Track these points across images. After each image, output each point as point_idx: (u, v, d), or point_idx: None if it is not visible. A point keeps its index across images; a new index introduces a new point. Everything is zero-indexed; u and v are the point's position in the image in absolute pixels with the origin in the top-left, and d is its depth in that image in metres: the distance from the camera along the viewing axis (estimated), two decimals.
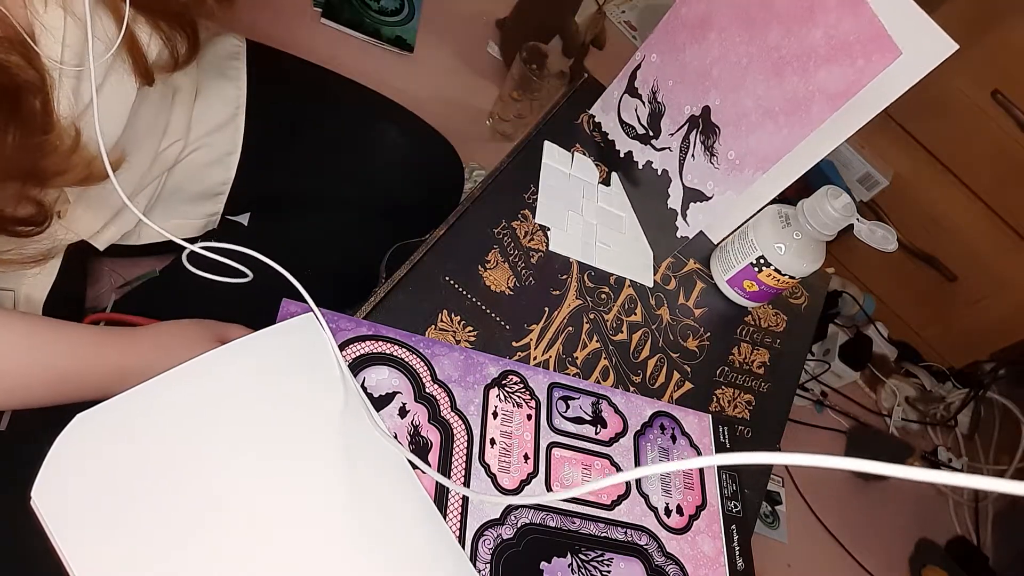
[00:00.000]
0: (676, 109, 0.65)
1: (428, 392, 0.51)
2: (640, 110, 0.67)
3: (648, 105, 0.66)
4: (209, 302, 0.58)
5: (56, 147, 0.46)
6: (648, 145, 0.68)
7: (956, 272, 1.42)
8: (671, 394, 0.63)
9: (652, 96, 0.66)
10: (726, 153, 0.61)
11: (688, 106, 0.63)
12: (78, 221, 0.58)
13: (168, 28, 0.50)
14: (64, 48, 0.44)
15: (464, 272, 0.59)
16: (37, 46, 0.43)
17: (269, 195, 0.75)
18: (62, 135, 0.46)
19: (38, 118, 0.44)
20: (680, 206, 0.67)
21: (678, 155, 0.65)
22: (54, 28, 0.43)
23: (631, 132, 0.69)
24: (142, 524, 0.38)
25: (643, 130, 0.67)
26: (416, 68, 1.28)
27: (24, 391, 0.45)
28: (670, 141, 0.65)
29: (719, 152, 0.61)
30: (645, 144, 0.68)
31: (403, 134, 0.76)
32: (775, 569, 1.19)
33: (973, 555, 1.37)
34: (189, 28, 0.53)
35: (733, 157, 0.61)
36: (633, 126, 0.68)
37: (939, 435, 1.54)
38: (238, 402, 0.44)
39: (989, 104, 1.24)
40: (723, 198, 0.63)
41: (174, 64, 0.53)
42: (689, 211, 0.66)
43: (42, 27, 0.43)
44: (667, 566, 0.52)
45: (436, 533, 0.45)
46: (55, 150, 0.46)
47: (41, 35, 0.43)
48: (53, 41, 0.43)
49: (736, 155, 0.60)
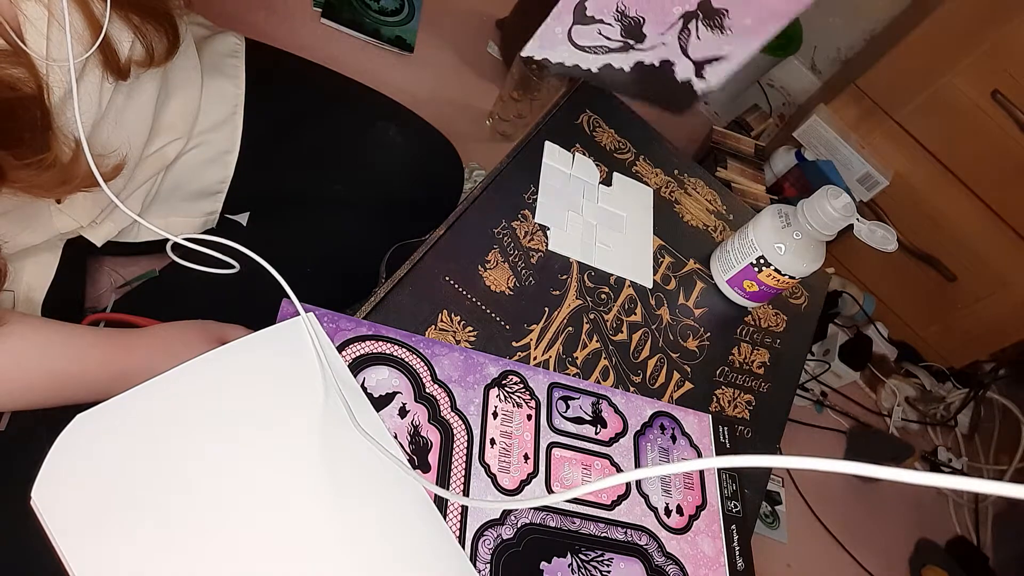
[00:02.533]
0: (661, 12, 0.61)
1: (428, 392, 0.51)
2: (607, 30, 0.64)
3: (618, 23, 0.64)
4: (209, 302, 0.58)
5: (56, 162, 0.45)
6: (632, 51, 0.65)
7: (956, 272, 1.42)
8: (671, 394, 0.63)
9: (620, 15, 0.63)
10: (740, 21, 0.58)
11: (677, 7, 0.61)
12: (77, 208, 0.57)
13: (141, 23, 0.49)
14: (48, 45, 0.43)
15: (464, 272, 0.59)
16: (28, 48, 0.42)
17: (268, 194, 0.75)
18: (62, 148, 0.45)
19: (37, 132, 0.43)
20: (693, 73, 0.64)
21: (677, 45, 0.62)
22: (38, 20, 0.42)
23: (602, 50, 0.66)
24: (142, 524, 0.38)
25: (620, 43, 0.64)
26: (416, 68, 1.28)
27: (25, 393, 0.45)
28: (661, 39, 0.62)
29: (731, 25, 0.59)
30: (627, 51, 0.65)
31: (403, 133, 0.76)
32: (775, 569, 1.19)
33: (973, 555, 1.37)
34: (166, 23, 0.51)
35: (750, 23, 0.58)
36: (603, 45, 0.65)
37: (939, 435, 1.54)
38: (237, 402, 0.44)
39: (989, 104, 1.24)
40: (745, 51, 0.59)
41: (149, 60, 0.51)
42: (706, 71, 0.63)
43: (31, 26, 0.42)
44: (667, 566, 0.52)
45: (436, 533, 0.45)
46: (55, 164, 0.45)
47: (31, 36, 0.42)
48: (39, 36, 0.43)
49: (752, 21, 0.58)
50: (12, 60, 0.41)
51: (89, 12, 0.44)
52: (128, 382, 0.41)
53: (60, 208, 0.56)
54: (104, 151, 0.53)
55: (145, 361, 0.47)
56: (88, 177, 0.47)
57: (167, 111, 0.61)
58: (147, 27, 0.49)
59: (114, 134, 0.54)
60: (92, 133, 0.51)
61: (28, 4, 0.41)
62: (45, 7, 0.42)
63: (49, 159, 0.45)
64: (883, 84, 1.36)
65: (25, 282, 0.58)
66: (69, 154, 0.46)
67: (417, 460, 0.48)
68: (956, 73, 1.26)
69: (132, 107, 0.55)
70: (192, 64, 0.63)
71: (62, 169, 0.46)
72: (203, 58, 0.66)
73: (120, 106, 0.53)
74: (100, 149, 0.52)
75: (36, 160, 0.44)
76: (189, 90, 0.63)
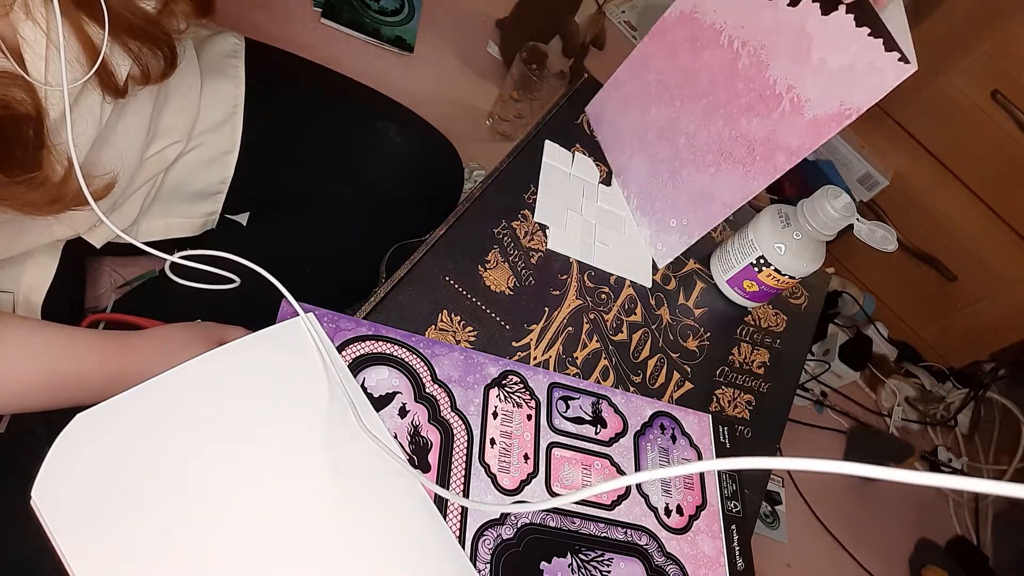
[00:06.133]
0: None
1: (428, 392, 0.51)
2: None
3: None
4: (209, 302, 0.58)
5: (47, 180, 0.45)
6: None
7: (956, 272, 1.42)
8: (671, 394, 0.63)
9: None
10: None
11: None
12: (75, 216, 0.57)
13: (138, 47, 0.48)
14: (47, 68, 0.43)
15: (464, 272, 0.59)
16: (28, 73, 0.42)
17: (268, 194, 0.75)
18: (54, 167, 0.45)
19: (31, 151, 0.43)
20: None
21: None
22: (36, 44, 0.42)
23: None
24: (142, 524, 0.38)
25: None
26: (416, 68, 1.28)
27: (24, 395, 0.45)
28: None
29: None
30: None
31: (403, 133, 0.76)
32: (775, 569, 1.19)
33: (973, 555, 1.37)
34: (163, 44, 0.50)
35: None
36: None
37: (939, 435, 1.54)
38: (236, 402, 0.44)
39: (989, 104, 1.24)
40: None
41: (146, 80, 0.51)
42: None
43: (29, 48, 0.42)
44: (667, 566, 0.52)
45: (436, 533, 0.45)
46: (46, 183, 0.45)
47: (29, 58, 0.42)
48: (38, 58, 0.42)
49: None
50: (9, 81, 0.41)
51: (85, 37, 0.44)
52: (127, 384, 0.41)
53: (57, 217, 0.56)
54: (98, 168, 0.52)
55: (144, 363, 0.47)
56: (80, 196, 0.47)
57: (165, 116, 0.61)
58: (144, 51, 0.49)
59: (109, 148, 0.54)
60: (89, 150, 0.51)
61: (26, 27, 0.41)
62: (43, 31, 0.42)
63: (40, 177, 0.44)
64: None
65: (24, 284, 0.58)
66: (61, 173, 0.46)
67: (417, 460, 0.48)
68: (956, 73, 1.26)
69: (128, 119, 0.55)
70: (191, 68, 0.63)
71: (53, 188, 0.45)
72: (203, 58, 0.66)
73: (114, 121, 0.53)
74: (94, 166, 0.52)
75: (27, 178, 0.43)
76: (188, 93, 0.63)
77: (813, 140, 0.54)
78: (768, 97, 0.56)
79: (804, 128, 0.54)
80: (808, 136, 0.54)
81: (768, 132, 0.56)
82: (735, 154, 0.59)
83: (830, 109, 0.52)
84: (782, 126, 0.55)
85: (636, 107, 0.69)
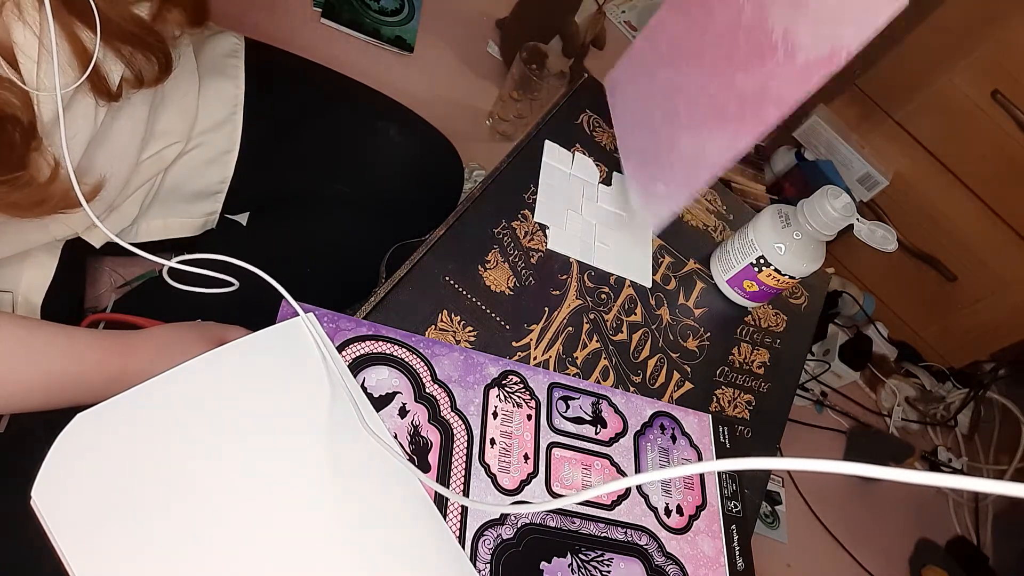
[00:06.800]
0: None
1: (428, 392, 0.51)
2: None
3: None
4: (209, 302, 0.58)
5: (31, 180, 0.44)
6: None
7: (956, 272, 1.42)
8: (671, 394, 0.63)
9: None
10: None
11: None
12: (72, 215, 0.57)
13: (131, 53, 0.48)
14: (39, 72, 0.43)
15: (464, 272, 0.59)
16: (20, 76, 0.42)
17: (268, 194, 0.75)
18: (40, 168, 0.45)
19: (16, 152, 0.43)
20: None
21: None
22: (28, 48, 0.42)
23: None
24: (142, 524, 0.38)
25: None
26: (416, 68, 1.28)
27: (24, 395, 0.44)
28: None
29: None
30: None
31: (403, 133, 0.75)
32: (775, 569, 1.19)
33: (973, 555, 1.37)
34: (157, 50, 0.50)
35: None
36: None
37: (939, 435, 1.54)
38: (236, 402, 0.44)
39: (989, 104, 1.24)
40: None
41: (140, 84, 0.51)
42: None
43: (21, 51, 0.42)
44: (667, 566, 0.52)
45: (436, 533, 0.45)
46: (30, 183, 0.44)
47: (21, 61, 0.42)
48: (30, 62, 0.42)
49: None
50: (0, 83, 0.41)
51: (77, 42, 0.44)
52: (126, 384, 0.41)
53: (53, 216, 0.56)
54: (93, 170, 0.52)
55: (143, 363, 0.47)
56: (67, 198, 0.47)
57: (162, 118, 0.61)
58: (137, 56, 0.49)
59: (104, 151, 0.53)
60: (83, 153, 0.51)
61: (19, 31, 0.41)
62: (36, 36, 0.42)
63: (25, 178, 0.44)
64: (883, 84, 1.36)
65: (24, 284, 0.58)
66: (48, 174, 0.45)
67: (417, 460, 0.48)
68: (956, 73, 1.26)
69: (123, 122, 0.55)
70: (189, 70, 0.63)
71: (38, 189, 0.45)
72: (202, 58, 0.66)
73: (108, 123, 0.53)
74: (88, 168, 0.52)
75: (11, 178, 0.43)
76: (186, 95, 0.63)
77: (803, 86, 0.51)
78: (764, 47, 0.54)
79: (795, 75, 0.52)
80: (798, 83, 0.52)
81: (760, 84, 0.54)
82: (727, 111, 0.58)
83: (821, 53, 0.50)
84: (775, 76, 0.53)
85: (646, 74, 0.68)
